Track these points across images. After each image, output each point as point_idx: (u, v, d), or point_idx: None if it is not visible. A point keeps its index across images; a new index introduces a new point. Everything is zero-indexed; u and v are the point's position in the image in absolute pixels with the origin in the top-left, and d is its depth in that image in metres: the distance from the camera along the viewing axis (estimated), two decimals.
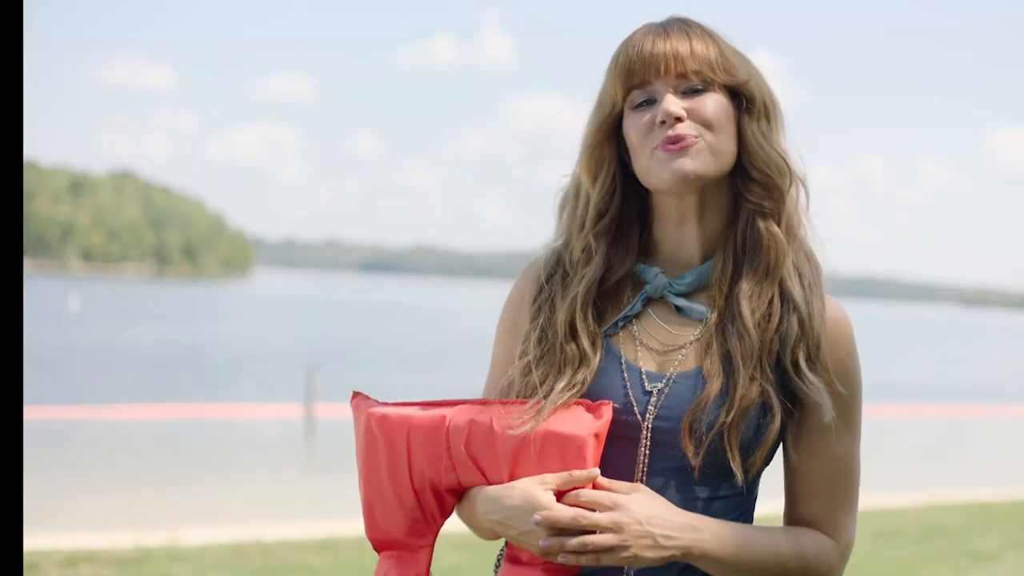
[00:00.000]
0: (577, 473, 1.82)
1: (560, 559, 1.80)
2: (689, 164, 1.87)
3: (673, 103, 1.88)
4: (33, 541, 7.98)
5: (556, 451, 1.84)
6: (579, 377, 1.88)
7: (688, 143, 1.87)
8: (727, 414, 1.83)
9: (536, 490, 1.82)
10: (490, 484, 1.88)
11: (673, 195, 1.92)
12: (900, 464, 16.91)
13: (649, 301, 1.94)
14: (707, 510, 1.87)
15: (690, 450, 1.85)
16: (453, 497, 1.93)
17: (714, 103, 1.90)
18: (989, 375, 43.21)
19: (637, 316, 1.94)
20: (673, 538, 1.79)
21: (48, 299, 63.61)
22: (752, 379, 1.85)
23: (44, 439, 15.34)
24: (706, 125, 1.88)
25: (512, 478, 1.86)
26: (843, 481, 1.93)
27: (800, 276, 1.91)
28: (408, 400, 1.97)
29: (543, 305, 1.95)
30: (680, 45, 1.89)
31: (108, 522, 10.02)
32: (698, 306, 1.92)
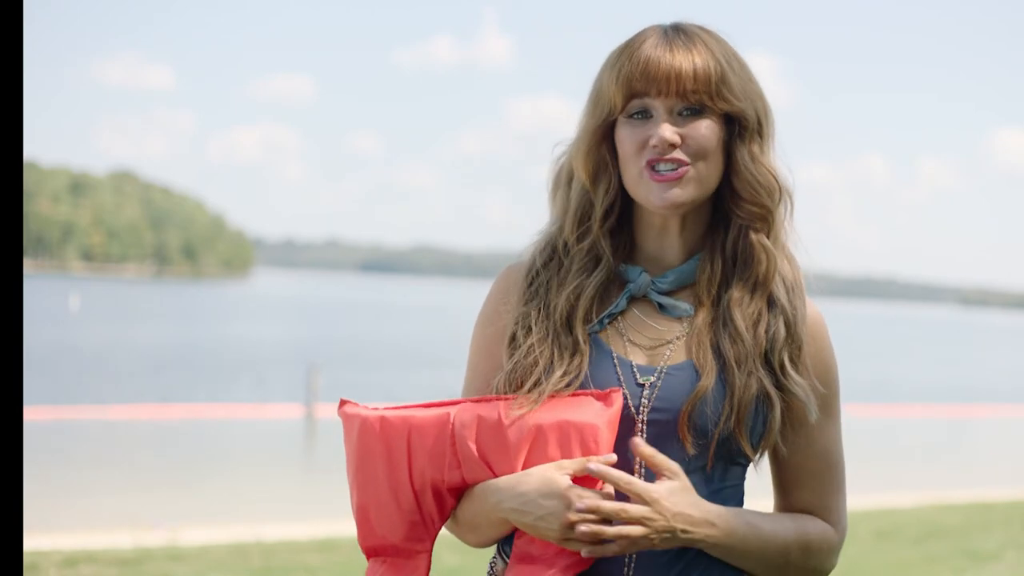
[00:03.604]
0: (594, 459, 1.84)
1: (585, 552, 1.82)
2: (677, 195, 1.91)
3: (668, 130, 1.91)
4: (33, 541, 7.98)
5: (569, 440, 1.85)
6: (574, 365, 1.91)
7: (678, 174, 1.91)
8: (732, 411, 1.88)
9: (554, 474, 1.84)
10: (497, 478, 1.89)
11: (657, 213, 1.97)
12: (900, 464, 16.93)
13: (632, 299, 1.98)
14: (706, 498, 1.90)
15: (688, 441, 1.89)
16: (453, 498, 1.92)
17: (707, 130, 1.92)
18: (989, 375, 43.21)
19: (622, 314, 1.97)
20: (691, 533, 1.85)
21: (48, 299, 63.64)
22: (750, 374, 1.90)
23: (44, 439, 15.35)
24: (698, 153, 1.92)
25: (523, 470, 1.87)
26: (831, 469, 2.01)
27: (784, 281, 1.97)
28: (396, 405, 1.95)
29: (539, 290, 1.98)
30: (684, 63, 1.91)
31: (108, 522, 10.02)
32: (681, 304, 1.96)
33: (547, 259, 2.01)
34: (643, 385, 1.91)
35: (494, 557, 1.97)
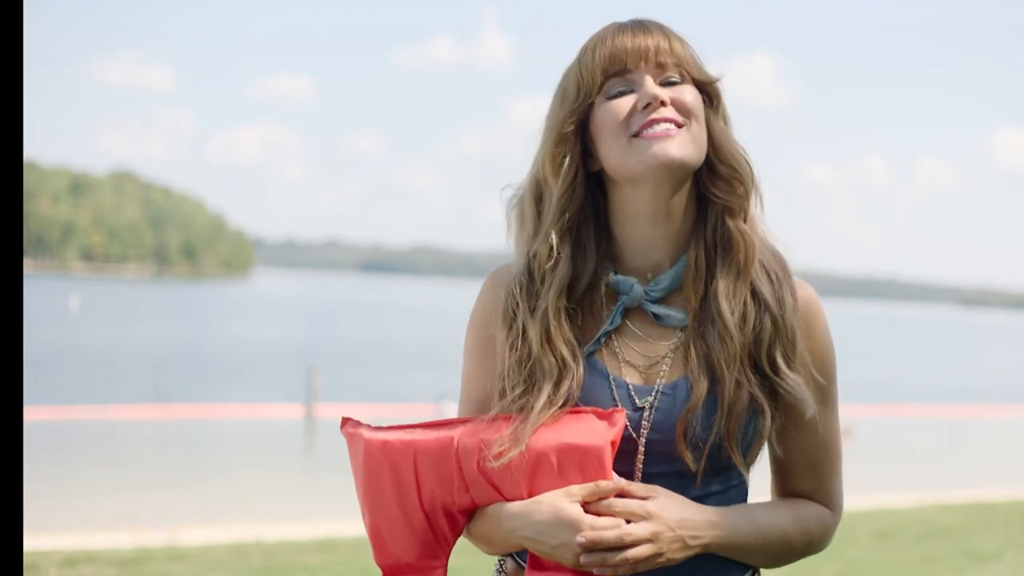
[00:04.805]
0: (604, 484, 1.82)
1: (596, 572, 1.81)
2: (674, 149, 1.86)
3: (656, 88, 1.89)
4: (33, 541, 7.98)
5: (575, 463, 1.82)
6: (562, 390, 1.86)
7: (671, 132, 1.87)
8: (721, 424, 1.85)
9: (564, 503, 1.81)
10: (507, 501, 1.86)
11: (650, 184, 1.90)
12: (900, 464, 16.95)
13: (626, 311, 1.93)
14: (705, 504, 1.90)
15: (688, 457, 1.86)
16: (464, 517, 1.90)
17: (692, 95, 1.91)
18: (989, 375, 43.23)
19: (616, 330, 1.92)
20: (699, 537, 1.84)
21: (48, 299, 63.67)
22: (739, 385, 1.86)
23: (44, 439, 15.35)
24: (687, 114, 1.90)
25: (531, 494, 1.84)
26: (829, 454, 2.00)
27: (767, 273, 1.93)
28: (398, 424, 1.93)
29: (514, 318, 1.92)
30: (660, 40, 1.92)
31: (108, 522, 10.03)
32: (676, 313, 1.92)
33: (522, 283, 1.93)
34: (641, 408, 1.88)
35: (502, 558, 1.96)
